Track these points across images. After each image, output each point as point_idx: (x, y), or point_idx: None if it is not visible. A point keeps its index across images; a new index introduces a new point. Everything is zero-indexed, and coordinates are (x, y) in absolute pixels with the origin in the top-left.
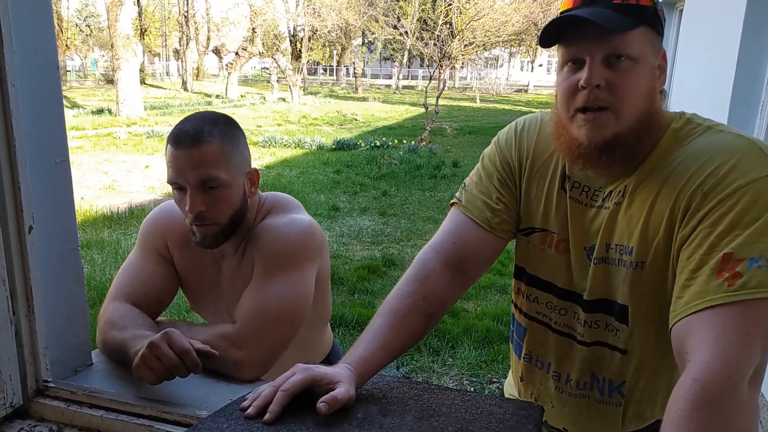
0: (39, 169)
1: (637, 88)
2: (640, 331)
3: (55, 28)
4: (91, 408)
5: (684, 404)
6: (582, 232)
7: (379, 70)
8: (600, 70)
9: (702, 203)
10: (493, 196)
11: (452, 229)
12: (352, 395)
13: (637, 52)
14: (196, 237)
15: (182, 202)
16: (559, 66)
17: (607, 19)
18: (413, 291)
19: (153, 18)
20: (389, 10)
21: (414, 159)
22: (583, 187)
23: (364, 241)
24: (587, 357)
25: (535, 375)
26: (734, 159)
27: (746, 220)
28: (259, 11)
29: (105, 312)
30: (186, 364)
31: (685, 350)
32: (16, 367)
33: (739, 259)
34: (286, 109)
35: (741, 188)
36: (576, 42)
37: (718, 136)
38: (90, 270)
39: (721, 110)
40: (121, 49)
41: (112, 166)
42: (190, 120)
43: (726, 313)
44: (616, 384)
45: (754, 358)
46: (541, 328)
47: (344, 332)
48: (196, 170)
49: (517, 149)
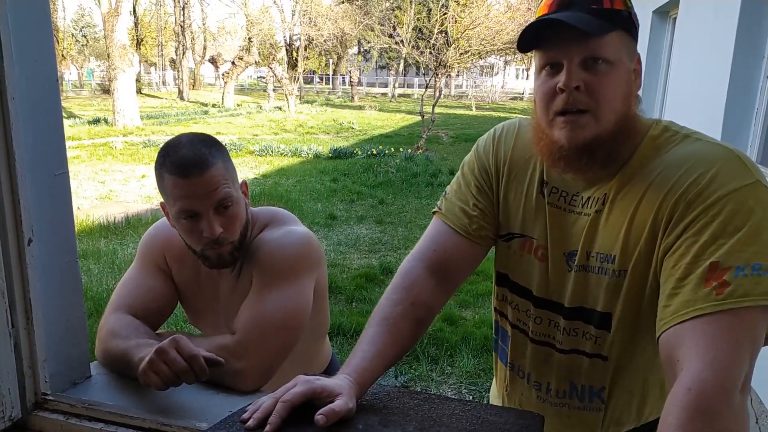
0: (38, 181)
1: (614, 91)
2: (620, 338)
3: (54, 40)
4: (91, 421)
5: (680, 413)
6: (561, 237)
7: (375, 78)
8: (578, 72)
9: (685, 212)
10: (470, 203)
11: (433, 238)
12: (351, 407)
13: (614, 55)
14: (211, 260)
15: (194, 230)
16: (536, 70)
17: (583, 23)
18: (401, 299)
19: (149, 28)
20: (385, 19)
21: (410, 167)
22: (561, 192)
23: (361, 249)
24: (565, 365)
25: (517, 385)
26: (715, 169)
27: (730, 229)
28: (256, 21)
29: (106, 323)
30: (194, 370)
31: (675, 358)
32: (15, 380)
33: (725, 268)
34: (282, 117)
35: (723, 197)
36: (553, 46)
37: (697, 145)
38: (87, 280)
39: (715, 117)
40: (118, 59)
41: (109, 176)
42: (181, 146)
43: (715, 322)
44: (597, 389)
45: (744, 365)
46: (522, 336)
47: (342, 341)
48: (212, 194)
49: (494, 155)
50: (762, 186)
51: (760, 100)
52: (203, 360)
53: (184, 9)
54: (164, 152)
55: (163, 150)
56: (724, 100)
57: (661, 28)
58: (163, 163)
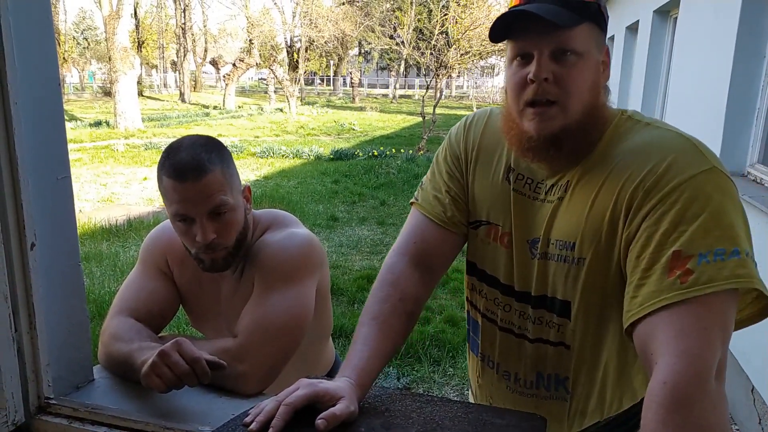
0: (41, 185)
1: (583, 82)
2: (580, 326)
3: (56, 44)
4: (94, 425)
5: (658, 409)
6: (525, 224)
7: (375, 79)
8: (548, 64)
9: (644, 201)
10: (443, 190)
11: (412, 230)
12: (353, 410)
13: (583, 47)
14: (205, 263)
15: (188, 233)
16: (507, 60)
17: (553, 15)
18: (388, 295)
19: (150, 30)
20: (385, 20)
21: (412, 168)
22: (527, 179)
23: (363, 251)
24: (532, 354)
25: (488, 375)
26: (671, 157)
27: (689, 216)
28: (256, 23)
29: (108, 327)
30: (196, 373)
31: (649, 352)
32: (18, 384)
33: (688, 256)
34: (283, 119)
35: (681, 185)
36: (524, 37)
37: (655, 133)
38: (89, 283)
39: (717, 117)
40: (119, 61)
41: (111, 179)
42: (182, 149)
43: (682, 311)
44: (561, 378)
45: (717, 351)
46: (490, 325)
47: (345, 343)
48: (207, 200)
49: (464, 141)
50: (718, 172)
51: (761, 101)
52: (205, 363)
53: (185, 11)
54: (165, 154)
55: (165, 151)
56: (725, 101)
57: (662, 28)
58: (163, 165)
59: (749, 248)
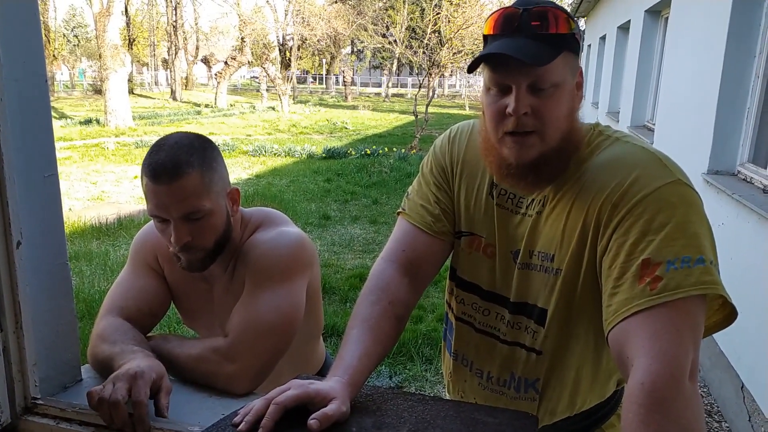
0: (27, 183)
1: (560, 111)
2: (553, 333)
3: (43, 40)
4: (81, 425)
5: (638, 410)
6: (508, 236)
7: (368, 78)
8: (525, 98)
9: (612, 214)
10: (432, 201)
11: (400, 238)
12: (345, 411)
13: (559, 78)
14: (182, 263)
15: (165, 233)
16: (484, 86)
17: (530, 55)
18: (378, 299)
19: (141, 28)
20: (378, 18)
21: (404, 167)
22: (509, 194)
23: (355, 249)
24: (507, 356)
25: (461, 372)
26: (637, 171)
27: (656, 226)
28: (248, 21)
29: (97, 327)
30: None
31: (625, 356)
32: (4, 384)
33: (657, 263)
34: (275, 117)
35: (646, 197)
36: (502, 70)
37: (622, 148)
38: (78, 282)
39: (707, 117)
40: (109, 59)
41: (101, 177)
42: (164, 148)
43: (653, 316)
44: (531, 381)
45: (689, 353)
46: (466, 328)
47: (336, 342)
48: (179, 204)
49: (449, 154)
50: (682, 183)
51: (752, 100)
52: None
53: (176, 8)
54: (149, 151)
55: (150, 147)
56: (716, 100)
57: (653, 27)
58: (144, 162)
59: (713, 257)
